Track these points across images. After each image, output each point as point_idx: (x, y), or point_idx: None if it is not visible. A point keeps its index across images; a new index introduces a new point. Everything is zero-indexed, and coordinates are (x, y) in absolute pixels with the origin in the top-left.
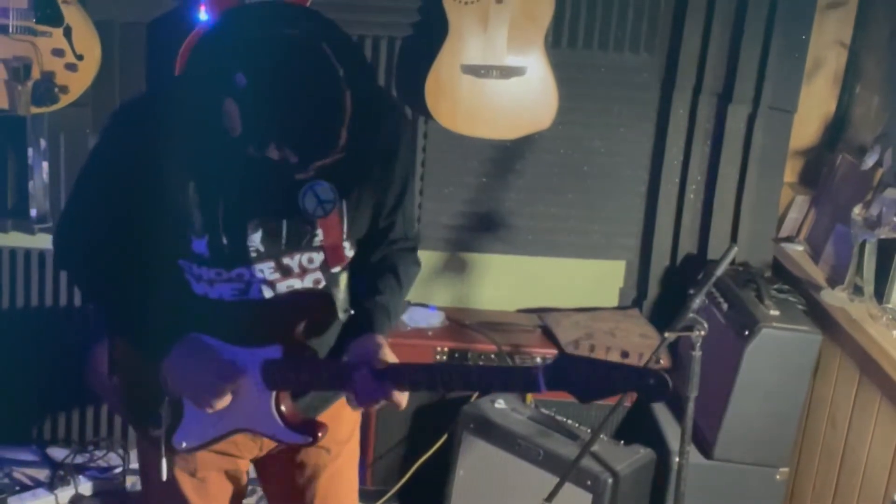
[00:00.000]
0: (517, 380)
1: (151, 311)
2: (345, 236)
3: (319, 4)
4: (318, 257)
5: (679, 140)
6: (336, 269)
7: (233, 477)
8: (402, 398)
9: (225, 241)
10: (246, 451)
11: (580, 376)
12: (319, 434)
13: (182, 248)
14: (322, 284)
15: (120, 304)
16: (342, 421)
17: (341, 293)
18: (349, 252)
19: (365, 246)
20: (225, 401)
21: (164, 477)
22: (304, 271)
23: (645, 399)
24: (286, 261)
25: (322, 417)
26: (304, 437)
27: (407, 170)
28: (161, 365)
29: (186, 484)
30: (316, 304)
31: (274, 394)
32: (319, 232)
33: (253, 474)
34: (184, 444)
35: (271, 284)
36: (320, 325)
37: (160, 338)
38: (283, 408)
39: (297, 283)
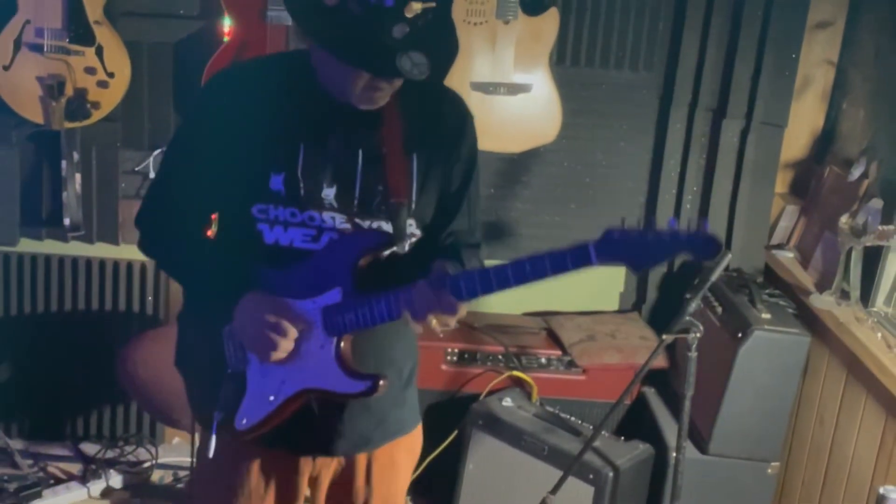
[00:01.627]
0: (570, 259)
1: (224, 268)
2: (414, 196)
3: None
4: (387, 227)
5: (676, 153)
6: (401, 201)
7: (283, 486)
8: (452, 317)
9: (301, 181)
10: (303, 468)
11: (630, 245)
12: (381, 383)
13: (260, 187)
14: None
15: (197, 268)
16: (398, 468)
17: (400, 224)
18: (414, 229)
19: (430, 237)
20: (289, 344)
21: (211, 454)
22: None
23: (697, 258)
24: (358, 221)
25: (377, 464)
26: (363, 382)
27: (472, 165)
28: (232, 317)
29: (235, 476)
30: (374, 246)
31: (335, 342)
32: (386, 192)
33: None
34: (244, 422)
35: (341, 234)
36: (379, 268)
37: (231, 292)
38: (344, 356)
39: None
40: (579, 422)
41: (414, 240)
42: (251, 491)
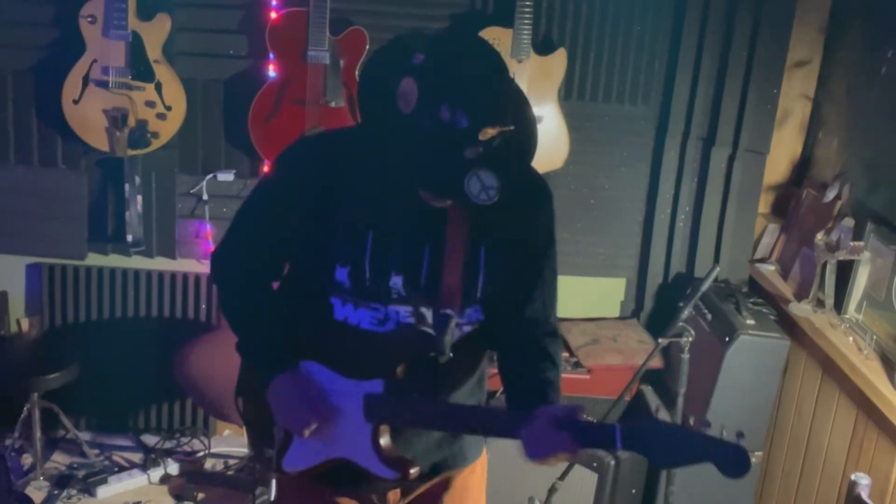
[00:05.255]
0: (595, 436)
1: (279, 335)
2: (478, 289)
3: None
4: (438, 329)
5: (671, 177)
6: (449, 312)
7: None
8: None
9: (367, 272)
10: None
11: (658, 442)
12: (411, 472)
13: (325, 277)
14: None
15: (252, 325)
16: (470, 492)
17: (447, 337)
18: (474, 311)
19: (500, 316)
20: (312, 431)
21: (272, 497)
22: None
23: (723, 472)
24: (423, 310)
25: (452, 491)
26: (394, 472)
27: (547, 249)
28: (267, 388)
29: None
30: (419, 343)
31: (372, 428)
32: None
33: None
34: (290, 467)
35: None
36: (420, 365)
37: (277, 361)
38: (381, 441)
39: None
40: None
41: (476, 325)
42: None
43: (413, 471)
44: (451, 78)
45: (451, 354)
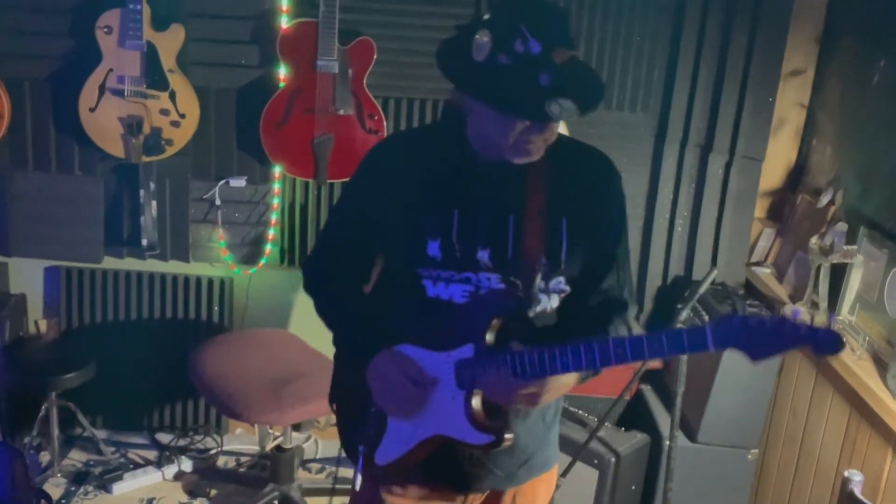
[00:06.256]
0: (687, 341)
1: (374, 324)
2: (562, 258)
3: (375, 85)
4: (527, 289)
5: (669, 183)
6: (535, 276)
7: None
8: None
9: (456, 245)
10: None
11: (749, 334)
12: (506, 436)
13: (419, 252)
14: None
15: (347, 317)
16: (538, 500)
17: (533, 295)
18: (558, 283)
19: (579, 295)
20: (419, 406)
21: (358, 487)
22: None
23: (817, 351)
24: (513, 279)
25: (521, 498)
26: (488, 436)
27: (621, 225)
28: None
29: None
30: (504, 309)
31: (464, 394)
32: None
33: None
34: (383, 458)
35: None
36: (511, 329)
37: (374, 346)
38: (472, 409)
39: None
40: (585, 414)
41: (563, 295)
42: None
43: (508, 436)
44: (519, 13)
45: (539, 315)
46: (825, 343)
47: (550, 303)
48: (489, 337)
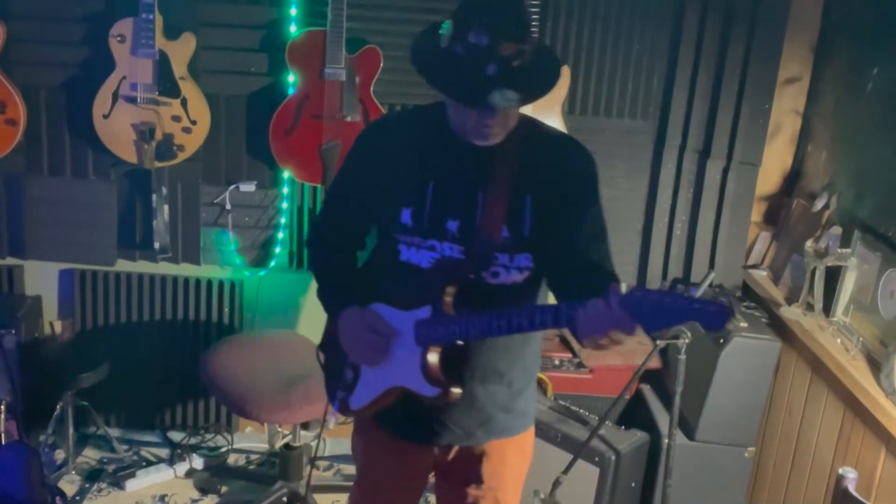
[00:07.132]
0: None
1: (352, 284)
2: (524, 234)
3: (381, 92)
4: (503, 257)
5: (668, 188)
6: (494, 249)
7: (407, 469)
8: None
9: (427, 215)
10: (424, 455)
11: (649, 306)
12: (452, 390)
13: (395, 219)
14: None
15: (329, 274)
16: (508, 465)
17: (486, 264)
18: (523, 257)
19: (557, 265)
20: (380, 354)
21: (331, 426)
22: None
23: (706, 326)
24: (473, 249)
25: (488, 460)
26: (435, 389)
27: (590, 205)
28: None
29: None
30: (463, 273)
31: (421, 350)
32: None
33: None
34: (356, 405)
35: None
36: (466, 293)
37: (348, 302)
38: (428, 363)
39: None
40: (587, 413)
41: (527, 272)
42: (380, 470)
43: (455, 390)
44: (475, 6)
45: (500, 287)
46: (714, 317)
47: (512, 277)
48: (446, 300)
